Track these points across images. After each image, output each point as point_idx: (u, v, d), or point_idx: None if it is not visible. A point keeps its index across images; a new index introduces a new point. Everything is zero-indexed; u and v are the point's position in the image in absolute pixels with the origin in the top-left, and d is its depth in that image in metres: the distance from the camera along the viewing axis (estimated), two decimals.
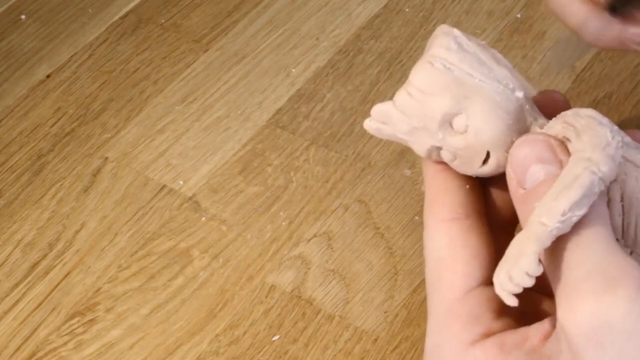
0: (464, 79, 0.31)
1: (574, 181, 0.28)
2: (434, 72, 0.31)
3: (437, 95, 0.31)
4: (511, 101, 0.31)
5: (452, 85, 0.31)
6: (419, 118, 0.32)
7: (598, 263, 0.27)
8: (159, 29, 0.62)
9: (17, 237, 0.50)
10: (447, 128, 0.31)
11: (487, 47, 0.32)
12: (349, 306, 0.46)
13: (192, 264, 0.48)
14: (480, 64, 0.31)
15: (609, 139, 0.29)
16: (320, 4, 0.63)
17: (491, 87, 0.31)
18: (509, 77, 0.31)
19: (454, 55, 0.31)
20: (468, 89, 0.31)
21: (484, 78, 0.31)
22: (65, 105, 0.57)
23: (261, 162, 0.53)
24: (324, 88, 0.57)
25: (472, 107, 0.31)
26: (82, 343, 0.45)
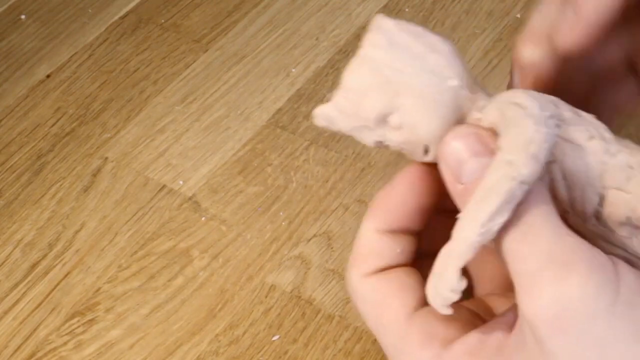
0: (392, 77, 0.31)
1: (493, 189, 0.28)
2: (364, 74, 0.31)
3: (369, 96, 0.31)
4: (444, 92, 0.31)
5: (382, 85, 0.31)
6: (357, 118, 0.32)
7: (549, 250, 0.27)
8: (158, 29, 0.62)
9: (17, 237, 0.50)
10: (385, 125, 0.32)
11: (424, 33, 0.31)
12: (349, 306, 0.46)
13: (192, 264, 0.48)
14: (412, 57, 0.31)
15: (531, 135, 0.28)
16: (320, 4, 0.63)
17: (421, 82, 0.31)
18: (444, 65, 0.31)
19: (383, 53, 0.31)
20: (398, 86, 0.31)
21: (413, 72, 0.31)
22: (65, 105, 0.57)
23: (261, 162, 0.53)
24: (324, 88, 0.57)
25: (404, 104, 0.31)
26: (82, 343, 0.45)
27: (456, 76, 0.31)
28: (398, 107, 0.31)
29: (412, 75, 0.31)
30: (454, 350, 0.30)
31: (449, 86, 0.31)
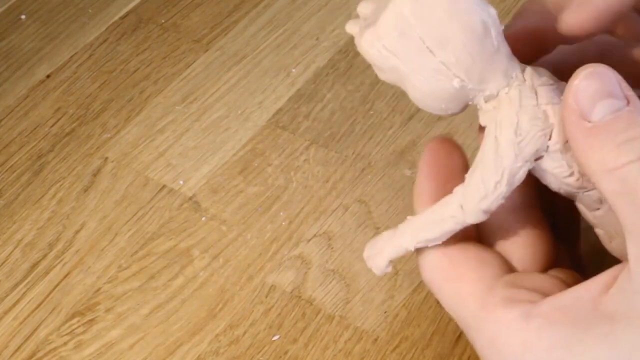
0: (397, 66, 0.32)
1: (439, 223, 0.33)
2: (374, 53, 0.32)
3: (377, 69, 0.33)
4: (445, 90, 0.32)
5: (389, 68, 0.32)
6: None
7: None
8: (159, 29, 0.62)
9: (17, 237, 0.50)
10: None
11: (441, 24, 0.31)
12: (349, 306, 0.46)
13: (192, 264, 0.48)
14: (419, 52, 0.31)
15: (489, 189, 0.31)
16: (320, 4, 0.63)
17: (421, 78, 0.31)
18: (453, 62, 0.31)
19: (393, 41, 0.31)
20: (402, 74, 0.32)
21: (416, 68, 0.31)
22: (65, 105, 0.57)
23: (261, 162, 0.53)
24: (324, 88, 0.57)
25: (408, 90, 0.32)
26: (82, 343, 0.45)
27: (462, 72, 0.31)
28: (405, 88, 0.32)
29: (415, 71, 0.31)
30: (543, 307, 0.30)
31: (453, 85, 0.31)
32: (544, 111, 0.32)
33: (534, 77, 0.32)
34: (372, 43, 0.31)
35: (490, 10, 0.31)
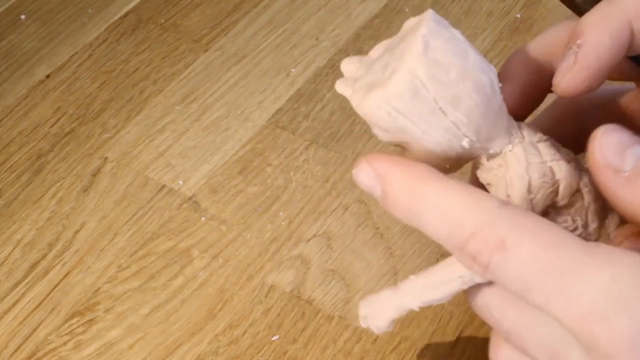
0: (406, 127, 0.31)
1: (446, 284, 0.32)
2: (383, 115, 0.31)
3: (379, 130, 0.32)
4: (453, 149, 0.31)
5: (396, 129, 0.31)
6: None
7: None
8: (158, 29, 0.62)
9: (16, 237, 0.50)
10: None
11: (455, 84, 0.30)
12: (349, 306, 0.46)
13: (191, 264, 0.48)
14: (432, 113, 0.30)
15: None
16: (320, 4, 0.63)
17: (431, 138, 0.31)
18: (464, 122, 0.31)
19: (405, 103, 0.30)
20: (410, 135, 0.31)
21: (427, 129, 0.31)
22: (65, 105, 0.57)
23: (261, 162, 0.53)
24: (323, 88, 0.57)
25: (412, 149, 0.32)
26: (82, 343, 0.45)
27: (472, 132, 0.31)
28: (406, 146, 0.32)
29: (425, 131, 0.31)
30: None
31: (460, 145, 0.31)
32: (550, 167, 0.32)
33: (531, 134, 0.33)
34: (381, 105, 0.31)
35: (492, 67, 0.31)
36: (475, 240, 0.29)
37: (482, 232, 0.29)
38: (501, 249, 0.28)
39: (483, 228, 0.29)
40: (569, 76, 0.32)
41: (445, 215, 0.30)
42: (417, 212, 0.30)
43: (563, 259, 0.28)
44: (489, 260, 0.29)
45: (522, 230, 0.29)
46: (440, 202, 0.30)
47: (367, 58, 0.34)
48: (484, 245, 0.29)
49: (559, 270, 0.28)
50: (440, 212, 0.30)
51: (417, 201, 0.30)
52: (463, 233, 0.29)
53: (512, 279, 0.28)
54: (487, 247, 0.29)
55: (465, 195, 0.30)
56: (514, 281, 0.28)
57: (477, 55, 0.31)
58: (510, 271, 0.28)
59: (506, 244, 0.28)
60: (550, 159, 0.32)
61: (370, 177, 0.32)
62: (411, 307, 0.34)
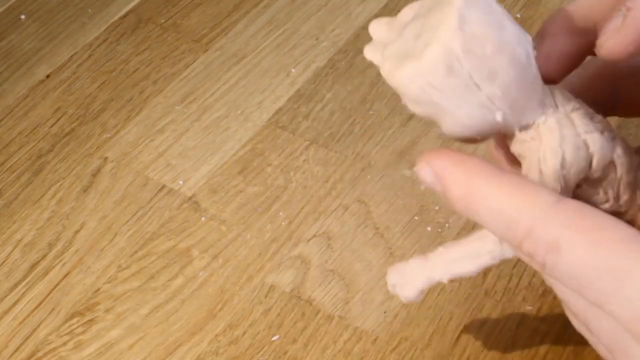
0: (439, 101, 0.30)
1: (476, 258, 0.33)
2: (416, 89, 0.30)
3: (410, 102, 0.32)
4: (486, 122, 0.31)
5: (428, 103, 0.31)
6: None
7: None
8: (158, 29, 0.62)
9: (16, 237, 0.50)
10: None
11: (491, 58, 0.30)
12: (349, 306, 0.46)
13: (191, 264, 0.48)
14: (466, 87, 0.30)
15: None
16: (320, 4, 0.63)
17: (464, 113, 0.31)
18: (498, 96, 0.30)
19: (439, 78, 0.30)
20: (442, 109, 0.31)
21: (460, 103, 0.30)
22: (65, 105, 0.57)
23: (261, 162, 0.53)
24: (323, 88, 0.57)
25: (443, 122, 0.32)
26: (82, 343, 0.45)
27: (507, 106, 0.31)
28: (440, 121, 0.32)
29: (459, 106, 0.30)
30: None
31: (493, 118, 0.31)
32: (584, 140, 0.31)
33: (565, 103, 0.32)
34: (414, 79, 0.30)
35: (528, 38, 0.31)
36: (529, 240, 0.29)
37: (535, 233, 0.29)
38: (555, 250, 0.28)
39: (536, 228, 0.29)
40: (616, 38, 0.31)
41: (499, 213, 0.30)
42: (473, 211, 0.30)
43: (617, 260, 0.28)
44: (544, 260, 0.29)
45: (575, 230, 0.29)
46: (494, 200, 0.30)
47: (397, 21, 0.33)
48: (538, 246, 0.29)
49: (613, 272, 0.28)
50: (495, 211, 0.30)
51: (472, 200, 0.30)
52: (518, 233, 0.29)
53: (567, 278, 0.29)
54: (541, 247, 0.29)
55: (519, 192, 0.30)
56: (569, 281, 0.29)
57: (513, 25, 0.30)
58: (564, 271, 0.29)
59: (560, 244, 0.28)
60: (584, 131, 0.31)
61: (430, 176, 0.32)
62: (440, 279, 0.34)
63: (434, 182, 0.31)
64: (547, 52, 0.34)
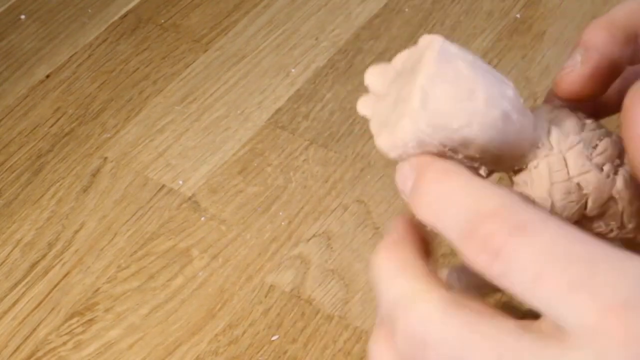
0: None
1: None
2: (395, 157, 0.30)
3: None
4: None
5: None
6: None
7: None
8: (158, 29, 0.62)
9: (16, 237, 0.50)
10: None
11: (461, 129, 0.29)
12: (348, 306, 0.46)
13: (191, 264, 0.48)
14: (442, 154, 0.30)
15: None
16: (320, 4, 0.63)
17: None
18: (477, 157, 0.30)
19: (411, 150, 0.30)
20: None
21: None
22: (64, 105, 0.57)
23: (261, 162, 0.53)
24: (323, 88, 0.57)
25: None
26: (82, 343, 0.45)
27: (489, 163, 0.30)
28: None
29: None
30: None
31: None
32: (576, 184, 0.31)
33: (561, 140, 0.31)
34: (390, 148, 0.30)
35: (508, 91, 0.30)
36: (492, 220, 0.26)
37: (501, 214, 0.26)
38: (521, 231, 0.26)
39: (503, 211, 0.26)
40: (573, 77, 0.31)
41: (466, 197, 0.28)
42: (438, 198, 0.29)
43: (590, 249, 0.25)
44: (504, 243, 0.26)
45: (544, 219, 0.26)
46: (464, 187, 0.28)
47: (390, 68, 0.33)
48: (501, 226, 0.26)
49: (586, 260, 0.25)
50: (462, 195, 0.28)
51: (442, 185, 0.29)
52: (480, 215, 0.27)
53: (526, 265, 0.26)
54: (504, 227, 0.26)
55: (488, 186, 0.28)
56: (527, 269, 0.26)
57: (485, 85, 0.29)
58: (526, 256, 0.26)
59: (527, 227, 0.26)
60: (579, 173, 0.31)
61: (410, 167, 0.30)
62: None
63: (407, 176, 0.30)
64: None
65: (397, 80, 0.31)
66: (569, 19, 0.60)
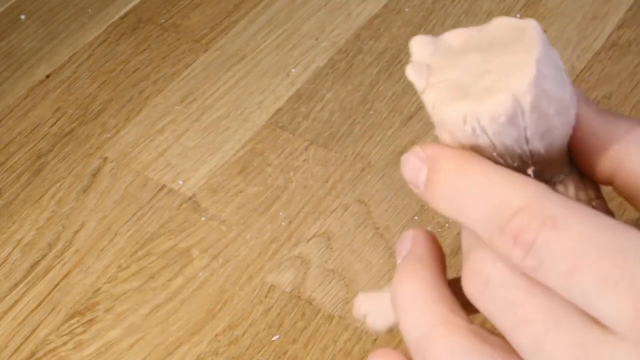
0: (481, 145, 0.29)
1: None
2: (466, 129, 0.29)
3: (448, 136, 0.30)
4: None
5: (469, 144, 0.30)
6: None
7: None
8: (158, 29, 0.62)
9: (16, 237, 0.50)
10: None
11: (550, 117, 0.29)
12: (349, 306, 0.46)
13: (191, 264, 0.48)
14: (515, 140, 0.29)
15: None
16: (320, 4, 0.63)
17: (501, 162, 0.29)
18: (539, 154, 0.29)
19: (495, 125, 0.28)
20: (479, 151, 0.29)
21: (503, 154, 0.29)
22: (64, 105, 0.57)
23: (261, 162, 0.53)
24: (323, 88, 0.57)
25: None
26: (82, 343, 0.45)
27: (540, 164, 0.30)
28: None
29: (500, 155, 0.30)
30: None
31: (524, 172, 0.29)
32: (592, 206, 0.30)
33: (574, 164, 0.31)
34: (468, 119, 0.28)
35: (573, 96, 0.29)
36: (522, 215, 0.26)
37: (531, 208, 0.26)
38: (551, 226, 0.26)
39: (532, 204, 0.26)
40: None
41: (492, 190, 0.27)
42: (461, 191, 0.28)
43: (623, 240, 0.25)
44: (535, 237, 0.26)
45: (575, 211, 0.26)
46: (488, 178, 0.28)
47: (442, 42, 0.32)
48: (531, 221, 0.26)
49: (620, 250, 0.25)
50: (488, 187, 0.27)
51: (464, 177, 0.28)
52: (509, 208, 0.26)
53: (559, 259, 0.25)
54: (534, 222, 0.26)
55: (515, 177, 0.28)
56: (560, 262, 0.25)
57: (570, 84, 0.29)
58: (558, 250, 0.25)
59: (557, 220, 0.26)
60: (595, 196, 0.30)
61: (418, 159, 0.30)
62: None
63: (418, 168, 0.30)
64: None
65: (471, 56, 0.30)
66: (569, 19, 0.60)
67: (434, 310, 0.29)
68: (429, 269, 0.30)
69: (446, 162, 0.29)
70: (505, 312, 0.27)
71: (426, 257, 0.31)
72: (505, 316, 0.27)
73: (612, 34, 0.59)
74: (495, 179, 0.28)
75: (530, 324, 0.26)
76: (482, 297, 0.27)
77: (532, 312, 0.26)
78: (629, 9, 0.60)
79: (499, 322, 0.27)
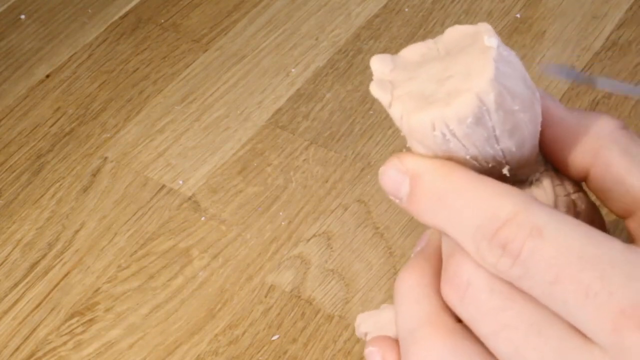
0: (452, 150, 0.29)
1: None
2: (436, 135, 0.29)
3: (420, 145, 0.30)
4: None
5: (440, 150, 0.30)
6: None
7: None
8: (158, 29, 0.62)
9: (16, 237, 0.50)
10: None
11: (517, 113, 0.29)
12: (349, 306, 0.46)
13: (191, 264, 0.48)
14: (485, 140, 0.29)
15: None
16: (320, 4, 0.63)
17: (475, 165, 0.29)
18: (511, 152, 0.29)
19: (463, 127, 0.28)
20: (451, 157, 0.30)
21: (476, 155, 0.29)
22: (64, 105, 0.57)
23: (261, 162, 0.53)
24: (323, 88, 0.57)
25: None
26: (82, 343, 0.45)
27: (515, 161, 0.30)
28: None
29: (472, 156, 0.30)
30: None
31: (499, 172, 0.30)
32: (573, 201, 0.30)
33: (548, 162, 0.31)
34: (437, 124, 0.28)
35: (536, 93, 0.30)
36: (509, 226, 0.27)
37: (518, 218, 0.27)
38: (537, 235, 0.26)
39: (520, 213, 0.27)
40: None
41: (478, 201, 0.28)
42: (446, 202, 0.28)
43: (605, 251, 0.26)
44: (522, 247, 0.26)
45: (560, 221, 0.27)
46: (473, 189, 0.28)
47: (402, 59, 0.32)
48: (519, 231, 0.26)
49: (601, 262, 0.26)
50: (473, 198, 0.28)
51: (448, 189, 0.28)
52: (497, 220, 0.27)
53: (543, 268, 0.26)
54: (521, 232, 0.26)
55: (501, 187, 0.28)
56: (544, 272, 0.26)
57: (531, 81, 0.29)
58: (543, 260, 0.26)
59: (543, 231, 0.26)
60: (573, 191, 0.31)
61: (399, 172, 0.30)
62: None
63: (399, 181, 0.30)
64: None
65: (430, 65, 0.30)
66: (569, 19, 0.60)
67: (425, 306, 0.29)
68: (432, 267, 0.30)
69: (428, 175, 0.29)
70: (485, 316, 0.27)
71: (434, 256, 0.31)
72: (485, 321, 0.27)
73: (612, 34, 0.59)
74: (480, 190, 0.28)
75: (510, 329, 0.26)
76: (462, 301, 0.28)
77: (513, 317, 0.27)
78: (629, 8, 0.60)
79: (478, 327, 0.27)
